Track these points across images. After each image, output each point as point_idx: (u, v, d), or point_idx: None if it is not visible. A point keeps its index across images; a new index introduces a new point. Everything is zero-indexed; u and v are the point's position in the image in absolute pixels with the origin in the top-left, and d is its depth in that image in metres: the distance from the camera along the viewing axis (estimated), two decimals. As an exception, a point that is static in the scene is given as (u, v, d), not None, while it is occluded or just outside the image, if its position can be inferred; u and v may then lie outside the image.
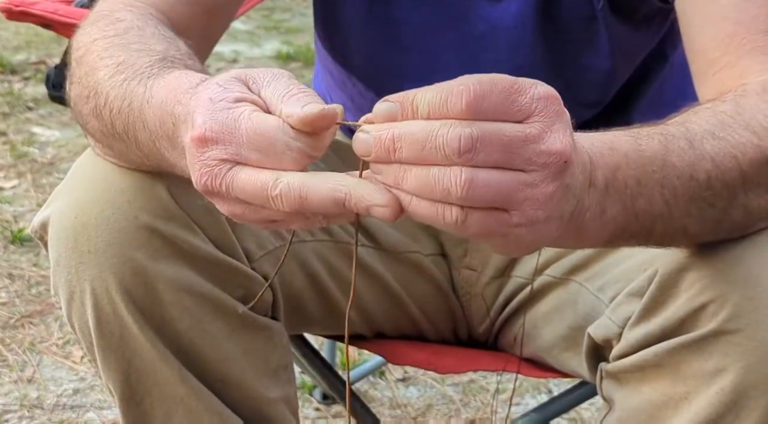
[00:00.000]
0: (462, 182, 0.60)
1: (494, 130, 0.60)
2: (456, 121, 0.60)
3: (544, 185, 0.62)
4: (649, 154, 0.71)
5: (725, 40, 0.85)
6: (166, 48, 0.80)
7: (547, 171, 0.62)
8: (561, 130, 0.62)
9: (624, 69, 1.07)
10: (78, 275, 0.82)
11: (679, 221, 0.73)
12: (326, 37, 1.12)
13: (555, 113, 0.62)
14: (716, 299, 0.74)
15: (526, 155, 0.61)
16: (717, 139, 0.73)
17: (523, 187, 0.61)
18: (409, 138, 0.61)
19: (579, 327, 0.97)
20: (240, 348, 0.90)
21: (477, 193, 0.60)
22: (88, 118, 0.82)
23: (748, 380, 0.74)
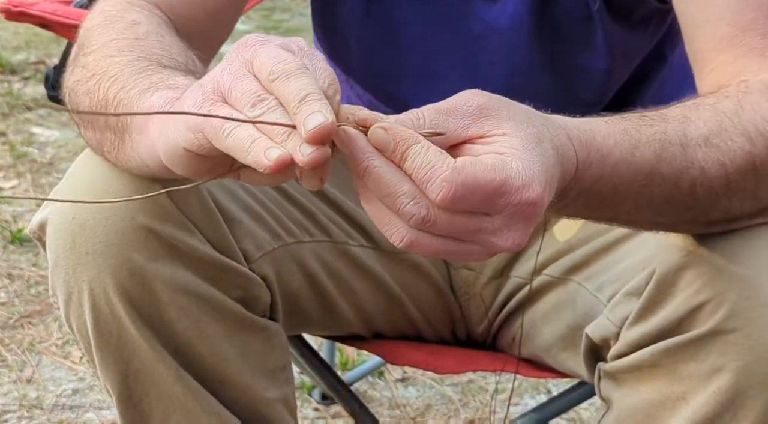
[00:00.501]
0: (405, 241, 0.63)
1: (451, 221, 0.63)
2: (421, 198, 0.62)
3: (480, 256, 0.65)
4: (639, 165, 0.72)
5: (722, 41, 0.85)
6: (186, 61, 0.81)
7: (488, 251, 0.65)
8: (520, 230, 0.64)
9: (622, 69, 1.07)
10: (76, 275, 0.82)
11: (649, 218, 0.75)
12: (324, 38, 1.12)
13: (524, 217, 0.64)
14: (713, 298, 0.75)
15: (474, 238, 0.64)
16: (710, 146, 0.74)
17: (461, 253, 0.65)
18: (377, 179, 0.63)
19: (577, 327, 0.97)
20: (238, 349, 0.90)
21: (415, 250, 0.64)
22: (81, 99, 0.81)
23: (745, 379, 0.74)
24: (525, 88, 1.05)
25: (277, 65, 0.63)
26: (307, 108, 0.61)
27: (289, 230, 1.00)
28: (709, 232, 0.78)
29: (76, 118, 0.84)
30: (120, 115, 0.75)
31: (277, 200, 1.00)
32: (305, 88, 0.62)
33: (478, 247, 0.64)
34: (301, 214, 1.01)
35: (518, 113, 0.67)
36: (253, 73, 0.65)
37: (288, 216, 1.00)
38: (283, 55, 0.64)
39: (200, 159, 0.68)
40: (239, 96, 0.64)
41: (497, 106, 0.66)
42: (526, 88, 1.05)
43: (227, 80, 0.65)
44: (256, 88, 0.63)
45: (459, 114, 0.65)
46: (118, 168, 0.83)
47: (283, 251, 0.98)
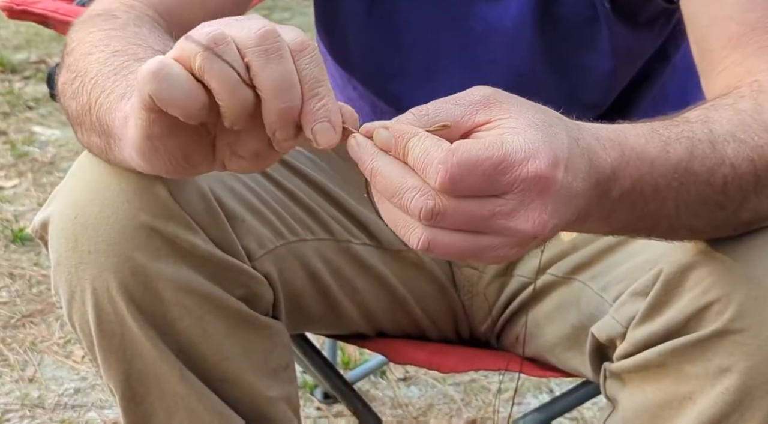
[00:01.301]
0: (422, 242, 0.62)
1: (460, 207, 0.61)
2: (426, 189, 0.61)
3: (507, 250, 0.63)
4: (674, 162, 0.71)
5: (731, 40, 0.85)
6: (164, 49, 0.79)
7: (512, 241, 0.62)
8: (538, 209, 0.62)
9: (626, 70, 1.07)
10: (78, 274, 0.82)
11: (686, 222, 0.73)
12: (327, 38, 1.12)
13: (537, 193, 0.62)
14: (721, 298, 0.74)
15: (491, 227, 0.62)
16: (738, 142, 0.73)
17: (484, 249, 0.62)
18: (382, 179, 0.62)
19: (582, 326, 0.97)
20: (241, 347, 0.89)
21: (436, 251, 0.62)
22: (69, 102, 0.81)
23: (752, 379, 0.74)
24: (527, 88, 1.05)
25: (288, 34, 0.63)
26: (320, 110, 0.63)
27: (292, 228, 0.99)
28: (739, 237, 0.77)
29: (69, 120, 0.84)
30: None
31: (279, 198, 0.99)
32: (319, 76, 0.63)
33: (500, 238, 0.62)
34: (303, 212, 1.01)
35: (526, 103, 0.66)
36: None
37: (290, 214, 1.00)
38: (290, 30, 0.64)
39: (163, 125, 0.66)
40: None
41: (505, 96, 0.65)
42: (528, 89, 1.05)
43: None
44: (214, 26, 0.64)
45: (465, 102, 0.64)
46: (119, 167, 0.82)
47: (285, 249, 0.98)
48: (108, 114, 0.74)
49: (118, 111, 0.72)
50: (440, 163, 0.60)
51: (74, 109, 0.80)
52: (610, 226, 0.71)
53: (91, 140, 0.80)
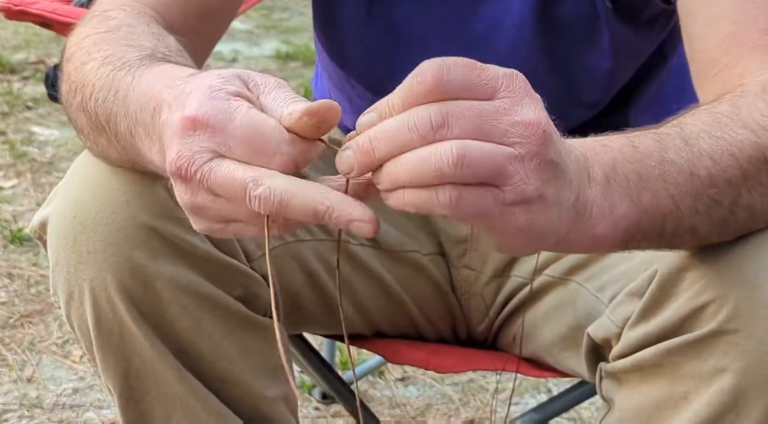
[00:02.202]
0: (455, 157, 0.60)
1: (463, 105, 0.61)
2: (426, 105, 0.61)
3: (529, 158, 0.62)
4: (644, 150, 0.70)
5: (726, 40, 0.85)
6: (155, 45, 0.80)
7: (529, 142, 0.62)
8: (531, 104, 0.62)
9: (626, 70, 1.07)
10: (77, 274, 0.82)
11: (689, 220, 0.72)
12: (325, 38, 1.12)
13: (522, 89, 0.63)
14: (716, 299, 0.74)
15: (501, 127, 0.61)
16: (713, 138, 0.73)
17: (510, 160, 0.61)
18: (384, 133, 0.62)
19: (578, 327, 0.97)
20: (239, 347, 0.90)
21: (468, 165, 0.60)
22: (76, 114, 0.81)
23: (747, 380, 0.74)
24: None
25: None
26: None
27: (290, 228, 0.99)
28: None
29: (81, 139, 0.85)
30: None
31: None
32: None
33: (516, 140, 0.61)
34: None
35: None
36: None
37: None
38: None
39: None
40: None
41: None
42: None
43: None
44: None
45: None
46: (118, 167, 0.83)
47: (283, 250, 0.98)
48: (135, 142, 0.74)
49: (152, 141, 0.71)
50: (420, 74, 0.63)
51: (84, 123, 0.80)
52: (620, 227, 0.69)
53: (109, 153, 0.80)
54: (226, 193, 0.63)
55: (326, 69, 1.18)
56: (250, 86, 0.66)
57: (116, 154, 0.79)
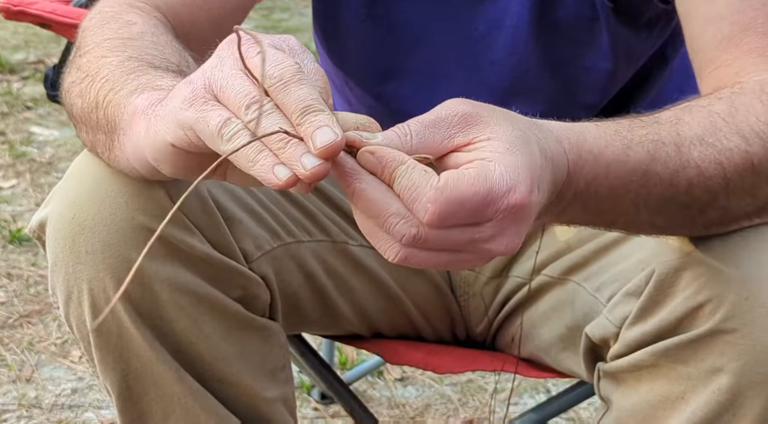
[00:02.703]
0: (399, 257, 0.64)
1: (441, 236, 0.63)
2: (410, 217, 0.62)
3: (476, 262, 0.66)
4: (633, 165, 0.72)
5: (723, 41, 0.85)
6: (179, 62, 0.80)
7: (483, 258, 0.66)
8: (513, 234, 0.65)
9: (625, 71, 1.07)
10: (75, 275, 0.82)
11: (647, 218, 0.75)
12: (325, 39, 1.12)
13: (514, 220, 0.64)
14: (713, 298, 0.75)
15: (467, 249, 0.64)
16: (705, 145, 0.74)
17: (456, 262, 0.65)
18: (365, 201, 0.63)
19: (577, 327, 0.97)
20: (237, 348, 0.90)
21: (410, 263, 0.65)
22: (75, 100, 0.81)
23: (744, 379, 0.74)
24: (526, 88, 1.05)
25: (273, 68, 0.63)
26: (314, 121, 0.61)
27: (289, 229, 1.00)
28: (707, 234, 0.78)
29: (72, 119, 0.84)
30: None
31: (276, 200, 1.00)
32: (308, 98, 0.62)
33: (472, 255, 0.65)
34: (300, 213, 1.01)
35: (503, 118, 0.67)
36: (246, 72, 0.64)
37: (287, 215, 1.00)
38: (278, 56, 0.64)
39: (187, 156, 0.68)
40: (233, 96, 0.63)
41: (481, 113, 0.66)
42: (527, 89, 1.05)
43: (219, 78, 0.65)
44: (250, 88, 0.63)
45: (444, 125, 0.65)
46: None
47: (282, 251, 0.98)
48: (116, 109, 0.74)
49: (128, 105, 0.72)
50: (429, 202, 0.61)
51: (79, 106, 0.80)
52: (560, 221, 0.74)
53: (96, 138, 0.80)
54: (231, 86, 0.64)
55: (326, 71, 1.18)
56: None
57: (99, 141, 0.79)
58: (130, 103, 0.72)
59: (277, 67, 0.63)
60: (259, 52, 0.63)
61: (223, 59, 0.66)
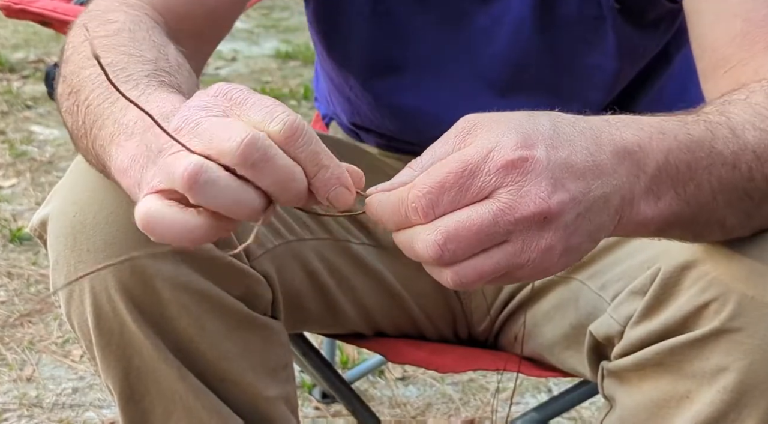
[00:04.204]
0: (451, 283, 0.62)
1: (459, 225, 0.60)
2: (421, 228, 0.61)
3: (535, 245, 0.61)
4: (697, 139, 0.69)
5: (737, 37, 0.84)
6: (156, 57, 0.78)
7: (531, 232, 0.61)
8: (534, 189, 0.60)
9: (630, 70, 1.07)
10: (77, 273, 0.82)
11: (721, 212, 0.71)
12: (324, 36, 1.12)
13: (521, 176, 0.61)
14: (718, 297, 0.74)
15: (502, 230, 0.60)
16: (758, 130, 0.72)
17: (515, 257, 0.61)
18: (398, 239, 0.63)
19: (580, 325, 0.97)
20: (239, 347, 0.89)
21: (469, 281, 0.62)
22: (66, 116, 0.81)
23: (750, 378, 0.74)
24: (527, 83, 1.05)
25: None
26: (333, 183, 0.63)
27: (291, 227, 1.00)
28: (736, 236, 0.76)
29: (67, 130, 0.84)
30: None
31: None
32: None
33: (517, 238, 0.61)
34: (302, 211, 1.01)
35: (514, 113, 0.65)
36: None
37: (289, 214, 1.00)
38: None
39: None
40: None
41: (483, 120, 0.64)
42: (528, 84, 1.05)
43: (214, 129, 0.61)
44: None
45: (452, 136, 0.64)
46: None
47: (284, 249, 0.98)
48: (102, 151, 0.72)
49: (112, 158, 0.69)
50: (412, 202, 0.61)
51: (70, 124, 0.79)
52: (661, 217, 0.68)
53: (90, 159, 0.79)
54: (221, 137, 0.60)
55: (326, 70, 1.18)
56: None
57: (91, 160, 0.78)
58: (113, 156, 0.70)
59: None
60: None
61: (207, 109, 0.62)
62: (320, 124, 1.35)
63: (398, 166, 1.16)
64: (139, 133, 0.67)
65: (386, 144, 1.16)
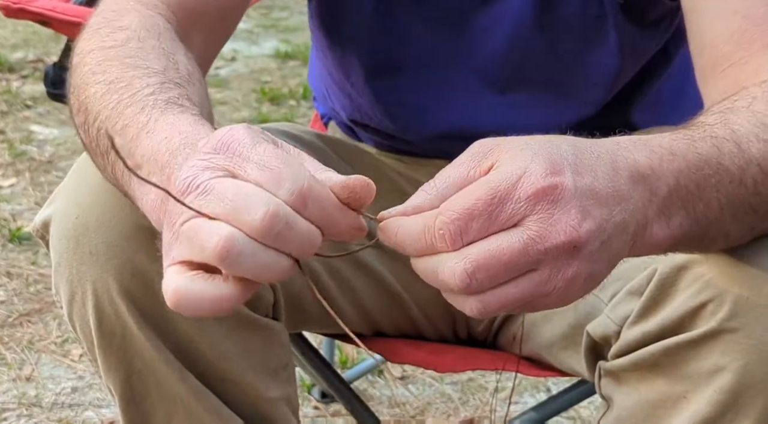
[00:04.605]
0: (475, 311, 0.61)
1: (489, 254, 0.59)
2: (447, 256, 0.60)
3: (562, 274, 0.61)
4: (705, 157, 0.69)
5: (735, 35, 0.84)
6: (165, 67, 0.78)
7: (560, 261, 0.60)
8: (562, 218, 0.60)
9: (631, 69, 1.07)
10: (79, 275, 0.82)
11: (727, 226, 0.71)
12: (326, 36, 1.12)
13: (551, 204, 0.60)
14: (715, 298, 0.75)
15: (532, 259, 0.60)
16: (761, 142, 0.72)
17: (542, 286, 0.61)
18: (419, 266, 0.63)
19: (578, 325, 0.97)
20: (240, 348, 0.90)
21: (492, 310, 0.61)
22: (80, 131, 0.80)
23: (746, 379, 0.74)
24: (527, 80, 1.05)
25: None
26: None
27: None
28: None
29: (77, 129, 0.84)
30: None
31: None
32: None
33: (545, 266, 0.60)
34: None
35: (526, 139, 0.64)
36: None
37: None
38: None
39: None
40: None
41: (503, 145, 0.63)
42: (528, 81, 1.06)
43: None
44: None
45: (467, 158, 0.63)
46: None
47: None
48: (124, 181, 0.73)
49: (138, 199, 0.70)
50: (439, 230, 0.60)
51: (84, 139, 0.79)
52: (673, 237, 0.68)
53: (106, 176, 0.78)
54: (230, 203, 0.60)
55: (326, 67, 1.18)
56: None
57: (109, 178, 0.78)
58: (137, 197, 0.70)
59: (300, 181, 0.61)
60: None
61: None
62: (319, 123, 1.36)
63: (396, 166, 1.16)
64: (157, 172, 0.67)
65: (384, 143, 1.17)
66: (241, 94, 3.40)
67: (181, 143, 0.66)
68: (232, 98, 3.35)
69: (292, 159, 0.61)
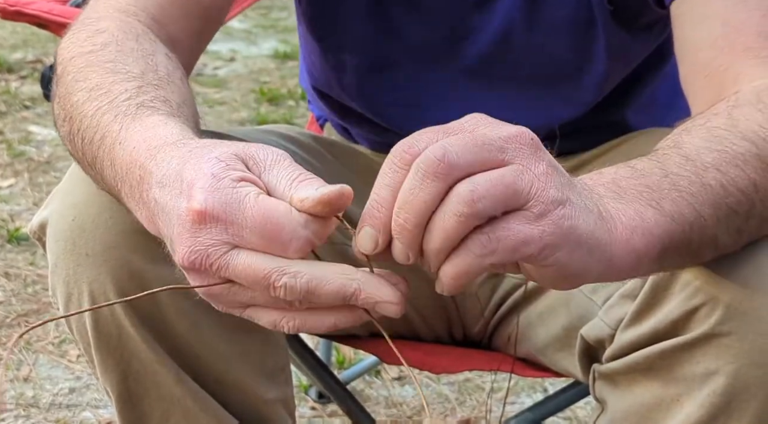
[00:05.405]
0: (466, 196, 0.60)
1: (489, 182, 0.60)
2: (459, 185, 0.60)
3: (530, 166, 0.61)
4: (643, 169, 0.70)
5: (717, 40, 0.84)
6: (143, 70, 0.78)
7: (524, 153, 0.61)
8: (539, 162, 0.61)
9: (620, 72, 1.07)
10: (76, 277, 0.83)
11: (712, 230, 0.71)
12: (320, 38, 1.12)
13: (532, 149, 0.62)
14: (708, 301, 0.75)
15: (496, 147, 0.61)
16: (715, 152, 0.72)
17: (518, 175, 0.60)
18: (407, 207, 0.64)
19: (572, 328, 0.98)
20: (237, 349, 0.90)
21: (481, 198, 0.60)
22: (65, 141, 0.82)
23: (739, 382, 0.74)
24: (514, 79, 1.06)
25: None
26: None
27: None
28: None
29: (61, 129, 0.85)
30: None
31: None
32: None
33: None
34: None
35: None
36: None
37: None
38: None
39: None
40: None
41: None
42: (515, 79, 1.06)
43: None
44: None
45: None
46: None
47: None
48: (115, 191, 0.74)
49: (136, 212, 0.71)
50: (434, 152, 0.60)
51: (71, 149, 0.80)
52: (656, 238, 0.67)
53: (98, 184, 0.79)
54: (250, 284, 0.63)
55: (320, 67, 1.19)
56: (250, 165, 0.64)
57: (103, 188, 0.78)
58: (134, 210, 0.71)
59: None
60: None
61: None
62: (315, 125, 1.36)
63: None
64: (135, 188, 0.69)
65: (378, 140, 1.17)
66: (240, 94, 3.40)
67: (146, 152, 0.68)
68: (230, 98, 3.35)
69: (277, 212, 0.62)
